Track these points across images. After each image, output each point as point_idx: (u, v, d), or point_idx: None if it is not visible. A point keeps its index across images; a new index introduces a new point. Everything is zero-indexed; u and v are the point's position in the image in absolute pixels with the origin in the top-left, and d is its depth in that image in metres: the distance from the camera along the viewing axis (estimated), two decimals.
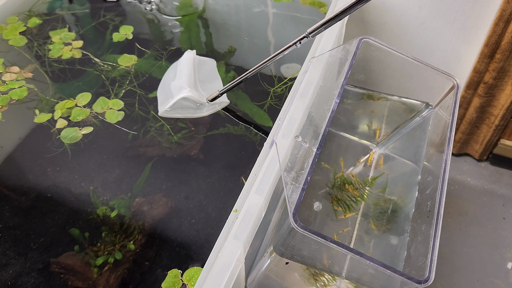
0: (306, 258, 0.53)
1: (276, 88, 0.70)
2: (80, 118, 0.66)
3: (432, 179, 0.57)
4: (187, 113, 0.67)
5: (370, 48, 0.64)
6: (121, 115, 0.67)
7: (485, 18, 0.81)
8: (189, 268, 0.51)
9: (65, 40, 0.79)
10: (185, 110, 0.67)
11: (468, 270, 0.91)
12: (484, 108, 0.96)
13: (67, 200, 0.58)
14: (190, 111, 0.67)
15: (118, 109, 0.68)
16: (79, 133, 0.64)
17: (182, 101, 0.66)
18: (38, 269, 0.51)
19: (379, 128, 0.74)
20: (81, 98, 0.69)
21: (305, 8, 0.86)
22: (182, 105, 0.67)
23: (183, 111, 0.67)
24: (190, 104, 0.67)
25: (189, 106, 0.67)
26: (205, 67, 0.73)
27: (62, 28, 0.81)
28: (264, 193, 0.50)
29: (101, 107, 0.67)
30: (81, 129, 0.65)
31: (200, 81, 0.70)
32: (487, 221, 0.98)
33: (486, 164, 1.09)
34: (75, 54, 0.77)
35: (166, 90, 0.68)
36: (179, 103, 0.66)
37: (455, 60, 0.91)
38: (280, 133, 0.54)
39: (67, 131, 0.65)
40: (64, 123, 0.66)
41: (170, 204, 0.57)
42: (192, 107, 0.67)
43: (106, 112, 0.67)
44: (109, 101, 0.68)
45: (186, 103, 0.67)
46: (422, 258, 0.48)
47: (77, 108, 0.67)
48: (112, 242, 0.53)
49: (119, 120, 0.66)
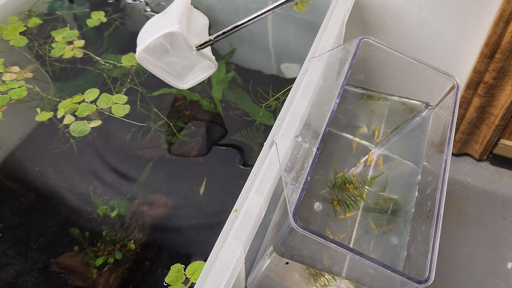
0: (306, 258, 0.53)
1: (270, 102, 0.70)
2: (86, 113, 0.66)
3: (432, 179, 0.57)
4: (166, 75, 0.57)
5: (370, 48, 0.64)
6: (128, 108, 0.67)
7: (485, 18, 0.81)
8: (192, 262, 0.51)
9: (68, 38, 0.79)
10: (166, 69, 0.57)
11: (468, 270, 0.91)
12: (484, 108, 0.96)
13: (67, 200, 0.58)
14: (170, 74, 0.57)
15: (123, 103, 0.68)
16: (88, 126, 0.65)
17: (166, 53, 0.55)
18: (38, 268, 0.51)
19: (378, 128, 0.74)
20: (89, 94, 0.69)
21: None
22: (164, 58, 0.56)
23: (162, 69, 0.56)
24: (175, 60, 0.56)
25: (171, 64, 0.56)
26: (197, 21, 0.62)
27: (63, 28, 0.81)
28: (264, 193, 0.50)
29: (106, 103, 0.68)
30: (90, 122, 0.65)
31: (190, 32, 0.57)
32: (487, 221, 0.98)
33: (486, 164, 1.10)
34: (76, 54, 0.77)
35: (151, 30, 0.56)
36: (161, 51, 0.55)
37: (455, 60, 0.91)
38: (280, 133, 0.54)
39: (76, 124, 0.65)
40: (72, 119, 0.66)
41: (170, 204, 0.58)
42: (174, 68, 0.57)
43: (112, 106, 0.67)
44: (112, 97, 0.69)
45: (170, 59, 0.56)
46: (422, 258, 0.48)
47: (84, 104, 0.68)
48: (112, 242, 0.54)
49: (126, 113, 0.66)
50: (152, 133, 0.65)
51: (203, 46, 0.56)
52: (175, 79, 0.58)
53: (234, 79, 0.73)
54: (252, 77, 0.74)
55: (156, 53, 0.55)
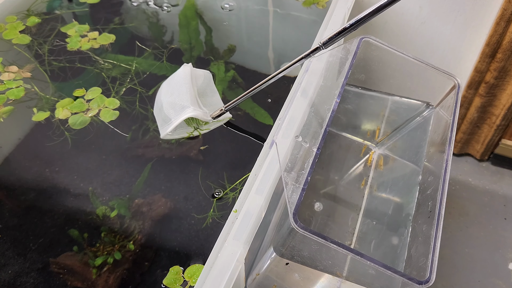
0: (306, 259, 0.53)
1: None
2: (76, 110, 0.67)
3: (433, 179, 0.57)
4: (190, 131, 0.64)
5: (370, 47, 0.64)
6: (116, 114, 0.67)
7: (486, 17, 0.81)
8: (190, 265, 0.51)
9: (80, 32, 0.80)
10: (188, 128, 0.64)
11: (469, 271, 0.91)
12: (485, 108, 0.96)
13: (66, 200, 0.58)
14: (193, 128, 0.64)
15: (114, 108, 0.68)
16: (86, 116, 0.65)
17: (185, 120, 0.63)
18: (37, 269, 0.51)
19: (378, 128, 0.75)
20: (91, 93, 0.69)
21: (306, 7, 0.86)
22: (185, 124, 0.64)
23: (187, 129, 0.64)
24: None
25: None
26: (202, 80, 0.69)
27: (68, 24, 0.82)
28: (264, 193, 0.50)
29: (98, 105, 0.68)
30: (86, 113, 0.65)
31: (199, 96, 0.66)
32: (488, 222, 0.98)
33: (487, 164, 1.10)
34: (94, 45, 0.78)
35: (166, 110, 0.64)
36: (181, 122, 0.63)
37: (456, 60, 0.92)
38: (280, 133, 0.54)
39: (74, 118, 0.65)
40: (68, 114, 0.66)
41: (170, 204, 0.58)
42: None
43: (102, 110, 0.67)
44: (105, 100, 0.68)
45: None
46: (423, 258, 0.48)
47: (80, 100, 0.68)
48: (111, 243, 0.54)
49: (112, 119, 0.66)
50: (151, 133, 0.65)
51: (218, 115, 0.64)
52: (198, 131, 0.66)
53: (234, 79, 0.73)
54: (253, 76, 0.74)
55: (178, 128, 0.64)
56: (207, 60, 0.76)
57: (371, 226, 0.65)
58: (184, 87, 0.64)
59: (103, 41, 0.79)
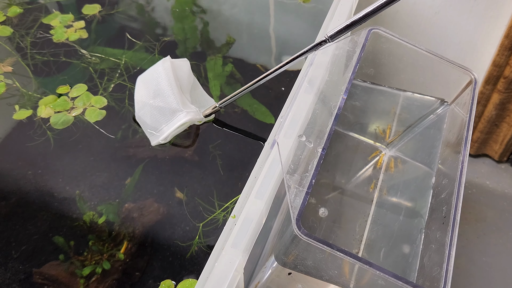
0: (310, 268, 0.53)
1: None
2: (60, 109, 0.67)
3: (448, 182, 0.57)
4: (182, 129, 0.64)
5: (380, 39, 0.64)
6: (103, 114, 0.67)
7: (505, 7, 0.81)
8: (183, 280, 0.51)
9: (64, 23, 0.80)
10: (179, 128, 0.63)
11: (487, 281, 0.91)
12: (504, 105, 0.96)
13: (50, 205, 0.58)
14: (185, 126, 0.63)
15: (100, 107, 0.68)
16: (70, 116, 0.65)
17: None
18: (20, 280, 0.51)
19: (389, 127, 0.75)
20: (76, 90, 0.69)
21: None
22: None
23: (177, 130, 0.63)
24: None
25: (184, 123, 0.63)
26: (182, 71, 0.66)
27: (52, 14, 0.82)
28: (265, 197, 0.50)
29: (84, 103, 0.68)
30: (70, 111, 0.65)
31: (185, 92, 0.65)
32: (507, 228, 0.98)
33: (507, 166, 1.10)
34: (82, 35, 0.78)
35: (153, 117, 0.62)
36: None
37: (472, 53, 0.92)
38: (282, 132, 0.55)
39: (56, 117, 0.65)
40: (51, 112, 0.66)
41: (162, 210, 0.58)
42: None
43: (87, 109, 0.67)
44: (92, 98, 0.68)
45: None
46: (437, 268, 0.48)
47: (63, 98, 0.68)
48: (100, 251, 0.54)
49: (98, 119, 0.66)
50: (141, 133, 0.65)
51: (211, 113, 0.64)
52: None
53: (232, 74, 0.73)
54: (252, 71, 0.74)
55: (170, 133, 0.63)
56: (202, 53, 0.77)
57: (381, 233, 0.65)
58: (169, 87, 0.61)
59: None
